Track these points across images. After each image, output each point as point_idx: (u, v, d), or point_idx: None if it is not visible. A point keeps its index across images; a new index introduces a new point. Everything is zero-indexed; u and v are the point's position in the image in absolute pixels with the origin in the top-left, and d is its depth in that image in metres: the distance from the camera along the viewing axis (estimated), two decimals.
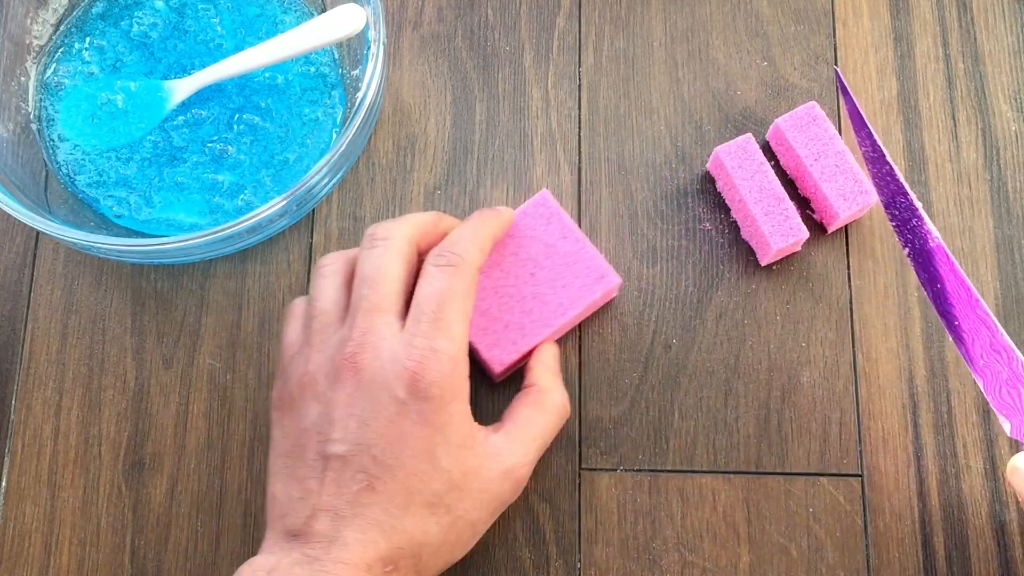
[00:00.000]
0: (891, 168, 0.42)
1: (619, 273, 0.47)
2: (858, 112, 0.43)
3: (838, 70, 0.46)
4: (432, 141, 0.51)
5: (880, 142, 0.42)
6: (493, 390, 0.47)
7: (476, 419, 0.41)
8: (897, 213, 0.42)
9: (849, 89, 0.44)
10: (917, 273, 0.42)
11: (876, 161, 0.42)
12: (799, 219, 0.46)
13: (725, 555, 0.45)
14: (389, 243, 0.41)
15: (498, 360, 0.45)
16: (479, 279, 0.44)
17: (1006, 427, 0.39)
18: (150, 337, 0.49)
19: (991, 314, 0.40)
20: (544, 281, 0.45)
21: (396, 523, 0.38)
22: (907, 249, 0.43)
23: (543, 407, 0.43)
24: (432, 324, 0.39)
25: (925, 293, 0.42)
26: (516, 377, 0.46)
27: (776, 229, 0.46)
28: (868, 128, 0.42)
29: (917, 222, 0.41)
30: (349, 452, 0.38)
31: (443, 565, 0.40)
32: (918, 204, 0.41)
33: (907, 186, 0.42)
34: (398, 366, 0.39)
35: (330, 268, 0.43)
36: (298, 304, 0.44)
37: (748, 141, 0.48)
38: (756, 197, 0.46)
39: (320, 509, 0.38)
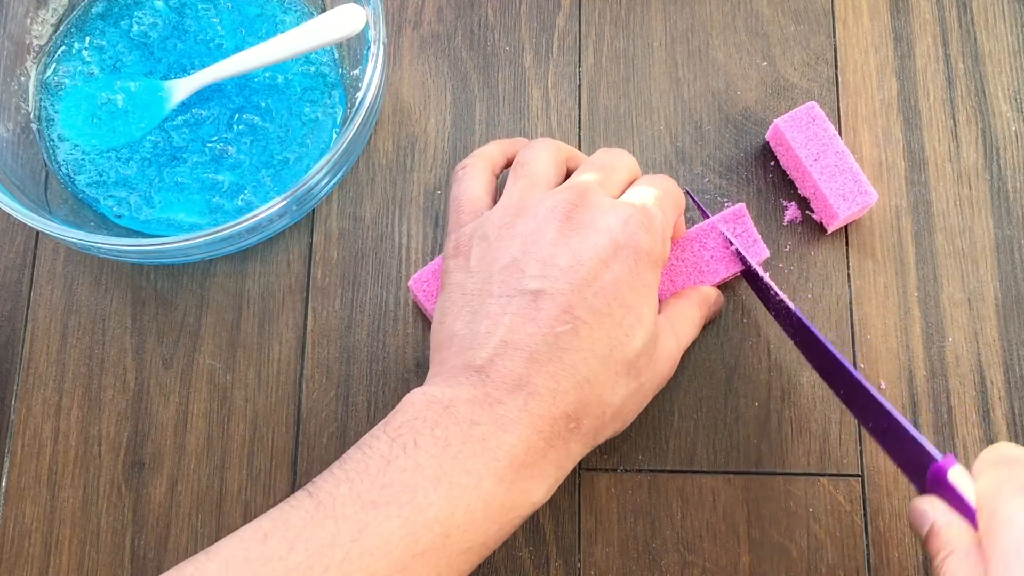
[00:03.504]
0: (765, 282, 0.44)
1: None
2: (702, 208, 0.45)
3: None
4: (432, 141, 0.51)
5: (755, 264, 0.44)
6: None
7: None
8: (764, 296, 0.44)
9: (699, 202, 0.47)
10: (803, 354, 0.43)
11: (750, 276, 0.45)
12: (867, 183, 0.47)
13: (725, 555, 0.45)
14: (624, 152, 0.44)
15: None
16: None
17: (915, 486, 0.38)
18: (150, 337, 0.49)
19: (856, 372, 0.39)
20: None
21: (591, 375, 0.36)
22: (790, 334, 0.44)
23: (695, 299, 0.44)
24: (652, 198, 0.40)
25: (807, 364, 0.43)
26: None
27: (840, 195, 0.47)
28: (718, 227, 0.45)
29: (779, 301, 0.43)
30: (556, 289, 0.37)
31: (611, 434, 0.39)
32: (770, 282, 0.43)
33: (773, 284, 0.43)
34: (620, 213, 0.39)
35: (543, 145, 0.43)
36: (478, 167, 0.44)
37: (811, 108, 0.48)
38: (820, 166, 0.47)
39: (513, 346, 0.36)
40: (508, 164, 0.47)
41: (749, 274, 0.45)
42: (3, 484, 0.47)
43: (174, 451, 0.47)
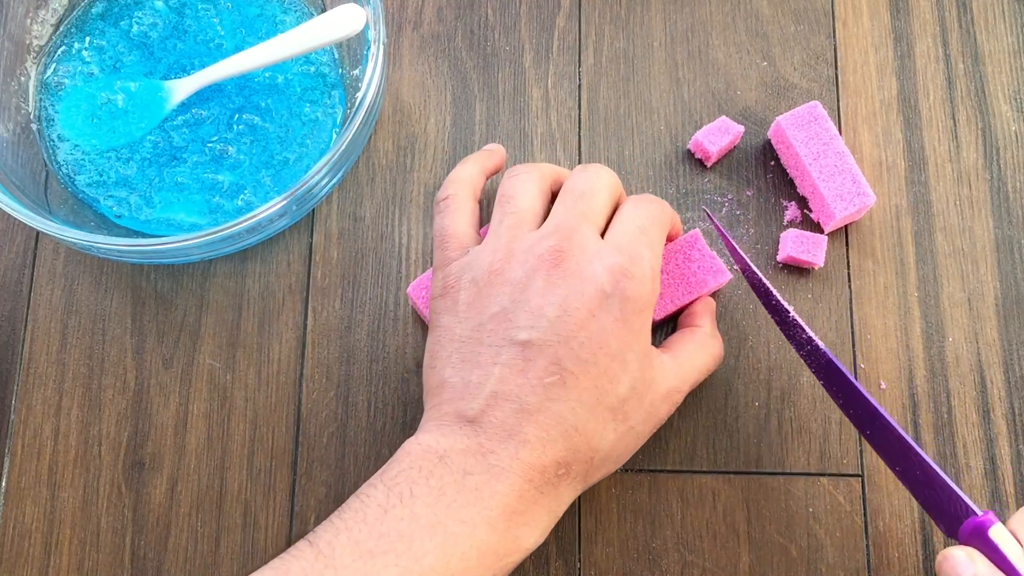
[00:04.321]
0: (776, 299, 0.43)
1: None
2: (732, 246, 0.44)
3: (707, 210, 0.47)
4: (432, 141, 0.51)
5: (758, 272, 0.43)
6: None
7: None
8: (791, 333, 0.43)
9: (722, 227, 0.46)
10: (825, 388, 0.42)
11: (764, 295, 0.44)
12: (865, 184, 0.47)
13: (725, 555, 0.45)
14: (602, 168, 0.43)
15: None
16: None
17: (941, 528, 0.38)
18: (150, 337, 0.49)
19: (890, 417, 0.39)
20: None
21: (579, 423, 0.37)
22: (813, 369, 0.43)
23: (706, 348, 0.44)
24: (638, 235, 0.40)
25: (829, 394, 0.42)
26: None
27: (839, 195, 0.47)
28: (745, 260, 0.44)
29: (808, 340, 0.42)
30: (544, 340, 0.37)
31: (603, 475, 0.40)
32: (801, 321, 0.42)
33: (786, 304, 0.42)
34: (606, 261, 0.39)
35: (528, 176, 0.43)
36: (460, 198, 0.44)
37: (814, 107, 0.48)
38: (819, 166, 0.47)
39: (504, 397, 0.37)
40: (494, 172, 0.47)
41: (770, 306, 0.43)
42: (3, 484, 0.47)
43: (174, 451, 0.47)
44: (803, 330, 0.42)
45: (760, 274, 0.43)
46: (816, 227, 0.49)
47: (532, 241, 0.40)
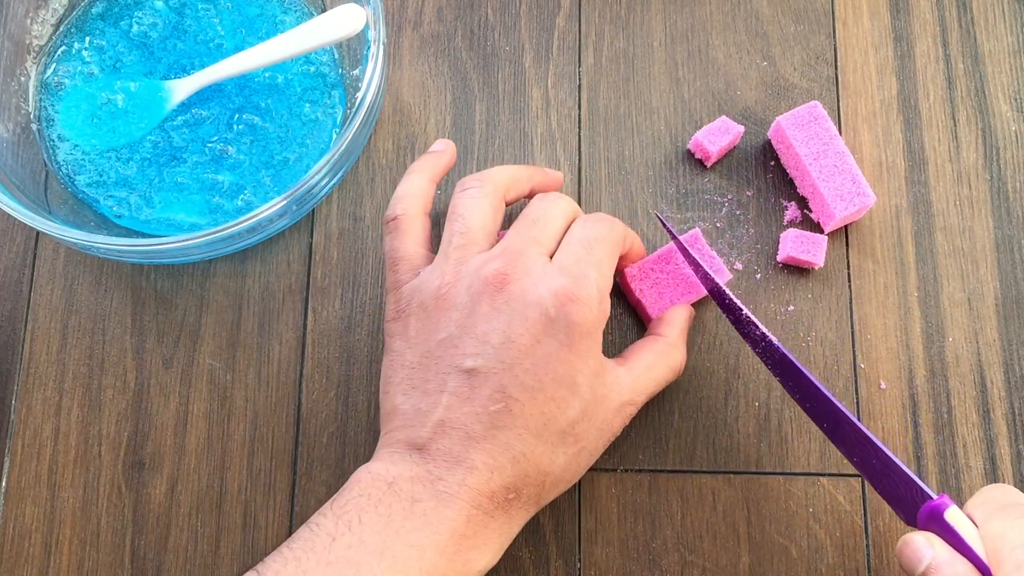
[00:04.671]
0: (727, 296, 0.43)
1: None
2: (684, 248, 0.44)
3: (660, 215, 0.47)
4: (432, 141, 0.51)
5: (709, 271, 0.43)
6: None
7: None
8: (746, 331, 0.43)
9: (673, 230, 0.46)
10: (782, 384, 0.42)
11: (715, 292, 0.44)
12: (865, 184, 0.47)
13: (725, 555, 0.45)
14: (561, 197, 0.43)
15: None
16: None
17: (900, 516, 0.38)
18: (150, 337, 0.49)
19: (845, 409, 0.39)
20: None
21: (527, 450, 0.38)
22: (768, 365, 0.43)
23: (665, 359, 0.43)
24: (585, 255, 0.40)
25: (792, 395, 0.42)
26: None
27: (839, 195, 0.47)
28: (698, 262, 0.44)
29: (762, 336, 0.42)
30: (488, 368, 0.38)
31: (556, 495, 0.40)
32: (753, 317, 0.42)
33: (739, 303, 0.42)
34: (551, 284, 0.38)
35: (479, 191, 0.43)
36: (409, 217, 0.43)
37: (814, 107, 0.48)
38: (819, 165, 0.47)
39: (451, 425, 0.37)
40: (444, 173, 0.46)
41: (724, 304, 0.44)
42: (3, 484, 0.47)
43: (174, 451, 0.47)
44: (756, 327, 0.42)
45: (714, 277, 0.43)
46: (816, 227, 0.49)
47: (479, 263, 0.40)
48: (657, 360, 0.43)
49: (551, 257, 0.41)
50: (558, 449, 0.38)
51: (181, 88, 0.49)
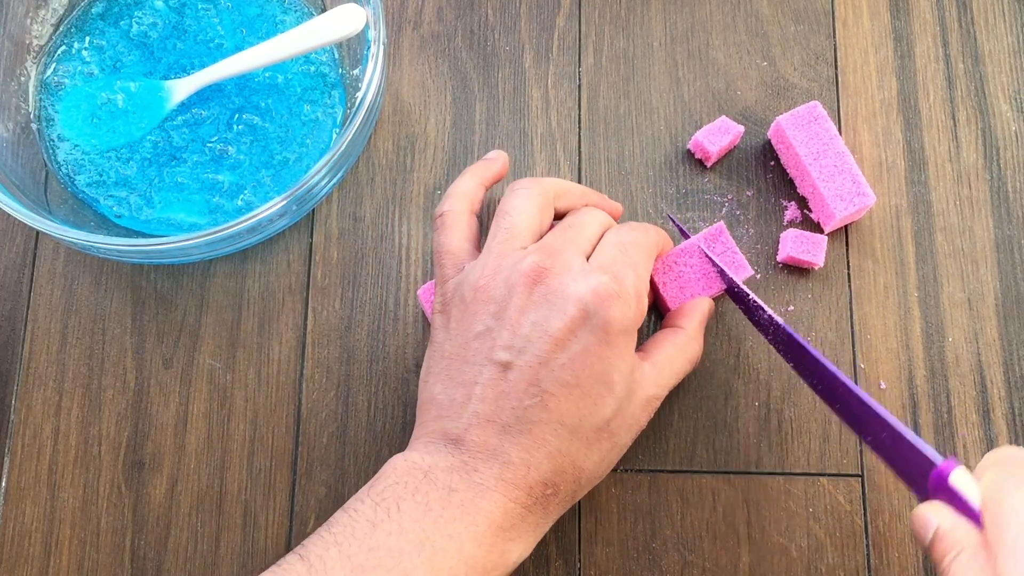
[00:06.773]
0: (735, 283, 0.43)
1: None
2: (686, 234, 0.45)
3: (672, 216, 0.47)
4: (432, 141, 0.51)
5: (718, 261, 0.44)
6: None
7: None
8: (756, 318, 0.43)
9: (682, 225, 0.46)
10: (794, 369, 0.42)
11: (723, 275, 0.44)
12: (865, 184, 0.47)
13: (725, 555, 0.45)
14: (598, 211, 0.44)
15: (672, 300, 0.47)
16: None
17: (916, 495, 0.37)
18: (150, 337, 0.49)
19: (850, 381, 0.39)
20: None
21: (562, 446, 0.38)
22: (780, 351, 0.43)
23: (685, 352, 0.43)
24: (622, 256, 0.40)
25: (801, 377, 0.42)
26: None
27: (839, 195, 0.47)
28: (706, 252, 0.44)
29: (769, 319, 0.42)
30: (524, 362, 0.38)
31: (589, 489, 0.40)
32: (757, 299, 0.42)
33: (743, 285, 0.42)
34: (591, 281, 0.39)
35: (528, 192, 0.43)
36: (456, 213, 0.44)
37: (814, 107, 0.48)
38: (819, 165, 0.47)
39: (485, 417, 0.38)
40: (495, 182, 0.46)
41: (733, 292, 0.45)
42: (3, 484, 0.47)
43: (174, 451, 0.47)
44: (764, 311, 0.42)
45: (722, 266, 0.43)
46: (816, 227, 0.49)
47: (518, 258, 0.40)
48: (677, 353, 0.43)
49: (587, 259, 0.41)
50: (593, 445, 0.39)
51: (181, 88, 0.49)
